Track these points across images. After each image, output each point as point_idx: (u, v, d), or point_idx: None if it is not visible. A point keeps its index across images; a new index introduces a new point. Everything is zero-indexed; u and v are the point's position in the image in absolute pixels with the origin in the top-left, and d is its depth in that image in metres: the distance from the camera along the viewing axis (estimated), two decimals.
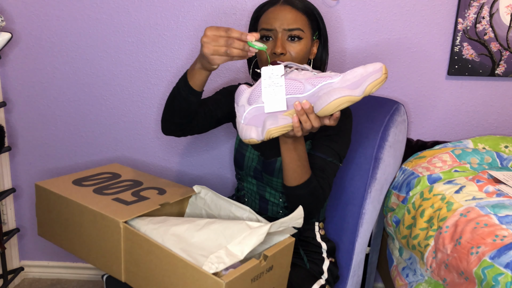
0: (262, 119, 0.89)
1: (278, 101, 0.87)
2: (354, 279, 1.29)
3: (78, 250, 1.12)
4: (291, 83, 0.87)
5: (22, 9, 1.59)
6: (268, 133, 0.87)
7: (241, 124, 0.91)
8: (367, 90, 0.82)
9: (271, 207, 1.21)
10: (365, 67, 0.83)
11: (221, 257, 0.86)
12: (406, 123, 1.42)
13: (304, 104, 0.85)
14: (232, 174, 1.74)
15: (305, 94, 0.86)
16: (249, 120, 0.90)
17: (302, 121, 0.87)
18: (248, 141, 0.89)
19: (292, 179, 1.02)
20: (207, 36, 0.87)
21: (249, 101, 0.90)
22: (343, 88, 0.83)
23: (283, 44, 1.07)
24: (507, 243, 1.03)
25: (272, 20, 1.08)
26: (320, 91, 0.85)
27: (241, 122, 0.91)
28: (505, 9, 1.52)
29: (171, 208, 1.13)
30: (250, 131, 0.89)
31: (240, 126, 0.91)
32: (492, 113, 1.66)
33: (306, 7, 1.11)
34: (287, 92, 0.87)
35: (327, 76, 0.85)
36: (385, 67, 0.82)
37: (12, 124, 1.72)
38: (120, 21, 1.60)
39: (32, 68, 1.65)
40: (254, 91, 0.90)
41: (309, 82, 0.86)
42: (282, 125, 0.87)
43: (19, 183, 1.78)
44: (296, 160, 0.99)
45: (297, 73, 0.88)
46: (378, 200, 1.34)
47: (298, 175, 1.01)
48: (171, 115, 1.09)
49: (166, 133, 1.16)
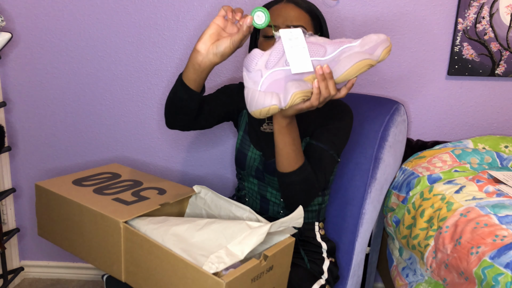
0: (283, 84, 0.83)
1: (304, 61, 0.82)
2: (354, 279, 1.29)
3: (78, 250, 1.12)
4: (312, 46, 0.84)
5: (22, 9, 1.59)
6: (293, 96, 0.81)
7: (257, 92, 0.83)
8: (382, 55, 0.84)
9: (272, 207, 1.21)
10: (377, 34, 0.85)
11: (221, 257, 0.86)
12: (406, 123, 1.42)
13: (325, 69, 0.83)
14: (232, 174, 1.74)
15: (327, 57, 0.84)
16: (268, 86, 0.83)
17: (321, 87, 0.85)
18: (268, 109, 0.82)
19: (286, 164, 1.01)
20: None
21: (267, 65, 0.84)
22: (363, 52, 0.83)
23: None
24: (507, 243, 1.03)
25: (275, 17, 1.08)
26: (341, 55, 0.84)
27: (257, 89, 0.83)
28: (505, 9, 1.52)
29: (171, 208, 1.13)
30: (271, 97, 0.82)
31: (257, 94, 0.83)
32: (492, 113, 1.66)
33: (309, 7, 1.12)
34: (310, 55, 0.84)
35: (347, 41, 0.85)
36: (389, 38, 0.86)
37: (12, 124, 1.72)
38: (120, 21, 1.60)
39: (32, 68, 1.65)
40: (273, 53, 0.84)
41: (330, 45, 0.84)
42: (306, 90, 0.84)
43: (19, 183, 1.78)
44: (290, 144, 0.98)
45: (317, 37, 0.86)
46: (378, 200, 1.34)
47: (292, 159, 1.00)
48: (173, 111, 1.10)
49: (170, 127, 1.16)
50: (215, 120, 1.22)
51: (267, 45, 1.08)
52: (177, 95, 1.04)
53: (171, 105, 1.08)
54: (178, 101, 1.05)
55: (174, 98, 1.06)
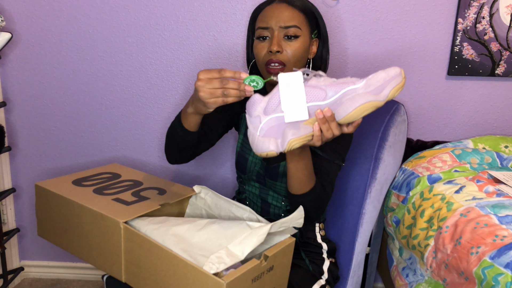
0: (281, 130, 0.83)
1: (299, 109, 0.81)
2: (354, 279, 1.29)
3: (78, 250, 1.12)
4: (311, 90, 0.82)
5: (22, 9, 1.59)
6: (289, 144, 0.81)
7: (257, 136, 0.84)
8: (390, 95, 0.79)
9: (273, 210, 1.21)
10: (387, 71, 0.80)
11: (222, 257, 0.86)
12: (406, 123, 1.42)
13: (326, 112, 0.81)
14: (232, 174, 1.74)
15: (327, 101, 0.82)
16: (266, 132, 0.83)
17: (323, 129, 0.83)
18: (266, 154, 0.83)
19: (297, 188, 1.00)
20: (200, 79, 0.85)
21: (266, 111, 0.84)
22: (367, 93, 0.79)
23: (279, 42, 1.05)
24: (507, 243, 1.03)
25: (268, 18, 1.07)
26: (343, 97, 0.81)
27: (257, 134, 0.84)
28: (505, 9, 1.52)
29: (171, 208, 1.13)
30: (269, 143, 0.83)
31: (256, 139, 0.84)
32: (492, 113, 1.66)
33: (303, 5, 1.09)
34: (308, 100, 0.82)
35: (350, 82, 0.81)
36: (403, 71, 0.80)
37: (12, 124, 1.71)
38: (120, 21, 1.59)
39: (32, 68, 1.65)
40: (271, 100, 0.83)
41: (331, 88, 0.82)
42: (304, 135, 0.82)
43: (19, 183, 1.78)
44: (302, 169, 0.97)
45: (317, 80, 0.84)
46: (378, 200, 1.34)
47: (304, 184, 0.99)
48: (173, 150, 1.10)
49: (172, 163, 1.15)
50: (217, 138, 1.20)
51: (261, 47, 1.08)
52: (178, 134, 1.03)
53: (171, 143, 1.08)
54: (179, 140, 1.05)
55: (174, 137, 1.05)
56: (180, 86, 1.66)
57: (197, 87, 0.86)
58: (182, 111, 1.01)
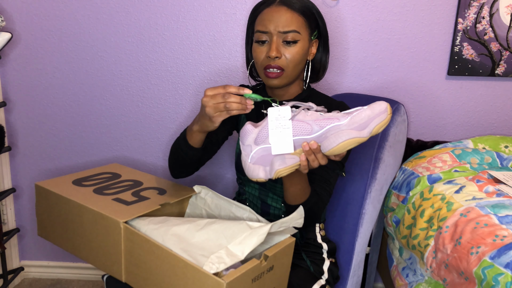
0: (269, 159, 0.90)
1: (285, 143, 0.88)
2: (354, 279, 1.29)
3: (78, 250, 1.12)
4: (298, 124, 0.88)
5: (22, 9, 1.59)
6: (276, 173, 0.88)
7: (248, 163, 0.91)
8: (374, 131, 0.83)
9: (273, 211, 1.21)
10: (372, 108, 0.84)
11: (222, 257, 0.86)
12: (406, 123, 1.42)
13: (312, 145, 0.85)
14: (232, 174, 1.74)
15: (313, 135, 0.87)
16: (256, 160, 0.91)
17: (309, 160, 0.87)
18: (256, 180, 0.91)
19: (292, 199, 1.03)
20: (206, 95, 0.93)
21: (256, 141, 0.91)
22: (350, 130, 0.84)
23: (278, 48, 1.05)
24: (507, 243, 1.03)
25: (267, 22, 1.06)
26: (327, 133, 0.86)
27: (248, 161, 0.91)
28: (505, 9, 1.52)
29: (171, 208, 1.13)
30: (258, 170, 0.90)
31: (247, 165, 0.92)
32: (492, 113, 1.66)
33: (303, 6, 1.08)
34: (295, 134, 0.88)
35: (335, 118, 0.86)
36: (389, 106, 0.83)
37: (12, 124, 1.72)
38: (120, 21, 1.60)
39: (32, 68, 1.65)
40: (261, 132, 0.90)
41: (317, 123, 0.87)
42: (290, 165, 0.88)
43: (19, 183, 1.78)
44: (296, 184, 1.00)
45: (304, 114, 0.89)
46: (378, 200, 1.34)
47: (298, 196, 1.02)
48: (177, 166, 1.14)
49: (176, 177, 1.19)
50: (218, 147, 1.24)
51: (260, 51, 1.08)
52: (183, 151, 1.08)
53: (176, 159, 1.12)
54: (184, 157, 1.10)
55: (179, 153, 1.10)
56: (180, 86, 1.66)
57: (204, 103, 0.93)
58: (188, 129, 1.06)
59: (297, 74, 1.11)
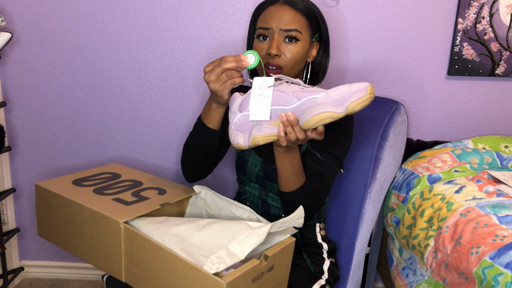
0: (249, 127, 0.92)
1: (263, 111, 0.91)
2: (354, 279, 1.29)
3: (78, 250, 1.12)
4: (278, 94, 0.90)
5: (22, 9, 1.59)
6: (253, 140, 0.90)
7: (231, 129, 0.95)
8: (349, 108, 0.83)
9: (273, 211, 1.21)
10: (350, 85, 0.85)
11: (222, 257, 0.86)
12: (406, 123, 1.42)
13: (289, 116, 0.88)
14: (232, 174, 1.74)
15: (291, 106, 0.89)
16: (238, 126, 0.94)
17: (287, 132, 0.89)
18: (236, 145, 0.94)
19: (285, 185, 1.03)
20: (206, 73, 0.96)
21: (240, 108, 0.94)
22: (326, 103, 0.85)
23: (279, 46, 1.05)
24: (507, 243, 1.03)
25: (269, 19, 1.07)
26: (304, 105, 0.88)
27: (231, 127, 0.95)
28: (505, 9, 1.52)
29: (172, 208, 1.13)
30: (238, 136, 0.93)
31: (230, 131, 0.95)
32: (492, 113, 1.66)
33: (306, 8, 1.09)
34: (274, 103, 0.90)
35: (313, 91, 0.88)
36: (371, 87, 0.83)
37: (12, 124, 1.72)
38: (120, 21, 1.60)
39: (32, 68, 1.65)
40: (245, 99, 0.94)
41: (295, 95, 0.89)
42: (267, 134, 0.90)
43: (19, 183, 1.78)
44: (288, 168, 1.00)
45: (286, 86, 0.92)
46: (378, 200, 1.35)
47: (291, 182, 1.02)
48: (195, 161, 1.13)
49: (192, 180, 1.20)
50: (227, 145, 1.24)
51: (260, 47, 1.08)
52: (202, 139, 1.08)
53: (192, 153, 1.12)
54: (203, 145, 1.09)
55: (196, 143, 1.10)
56: (180, 86, 1.66)
57: (206, 80, 0.96)
58: (202, 114, 1.07)
59: (296, 74, 1.11)
